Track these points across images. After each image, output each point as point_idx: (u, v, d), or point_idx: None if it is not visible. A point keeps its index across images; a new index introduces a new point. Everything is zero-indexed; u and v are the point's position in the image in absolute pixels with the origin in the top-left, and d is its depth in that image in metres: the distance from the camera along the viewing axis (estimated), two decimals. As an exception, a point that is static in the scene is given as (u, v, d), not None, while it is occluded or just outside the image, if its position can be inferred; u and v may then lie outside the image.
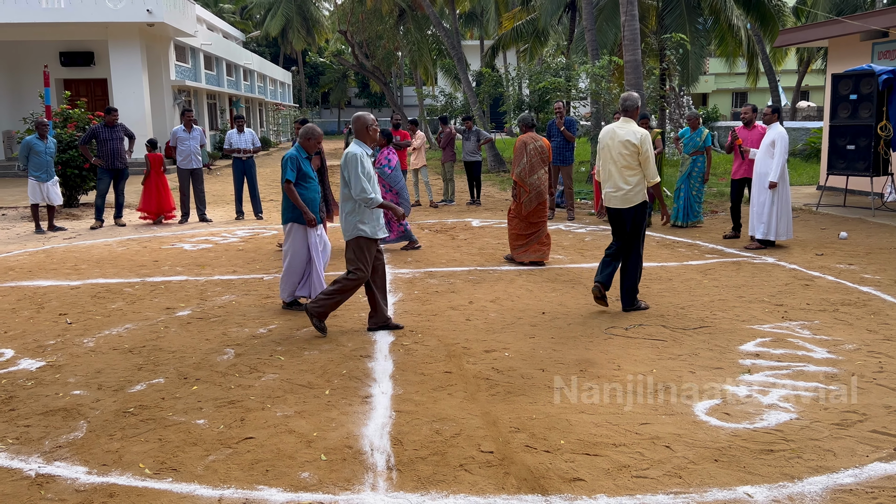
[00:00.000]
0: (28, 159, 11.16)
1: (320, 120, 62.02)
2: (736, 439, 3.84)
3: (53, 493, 3.39)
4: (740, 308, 6.45)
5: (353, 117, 5.90)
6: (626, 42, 13.90)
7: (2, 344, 5.68)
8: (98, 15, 21.02)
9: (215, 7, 48.41)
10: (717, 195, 14.44)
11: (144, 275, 8.17)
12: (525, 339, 5.65)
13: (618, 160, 6.36)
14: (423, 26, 31.62)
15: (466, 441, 3.86)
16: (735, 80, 45.10)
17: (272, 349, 5.48)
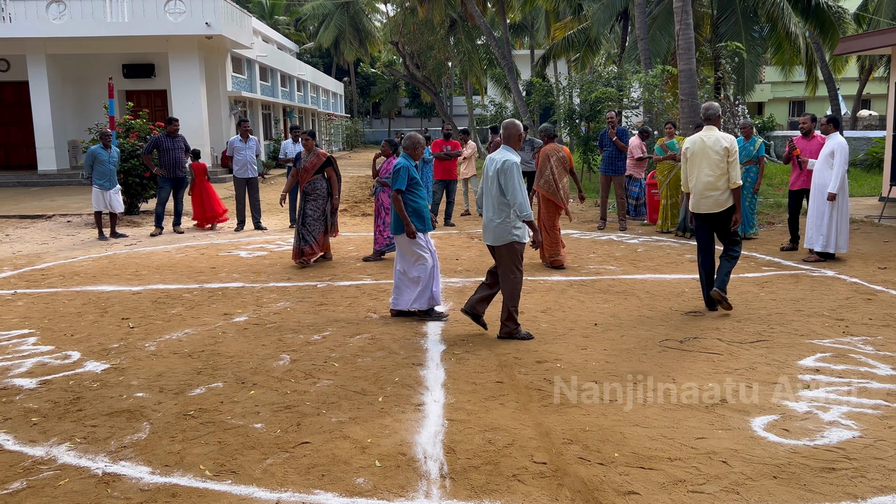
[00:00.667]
0: (92, 168, 11.57)
1: (371, 130, 62.74)
2: (796, 456, 3.76)
3: (119, 492, 3.51)
4: (799, 322, 6.31)
5: (506, 123, 6.02)
6: (680, 51, 13.75)
7: (69, 346, 5.90)
8: (159, 28, 21.70)
9: (270, 19, 49.47)
10: (773, 206, 14.14)
11: (202, 281, 8.39)
12: (577, 350, 5.63)
13: (710, 166, 6.60)
14: (473, 36, 31.79)
15: (519, 451, 3.87)
16: (792, 89, 44.08)
17: (326, 356, 5.57)
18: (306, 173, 9.12)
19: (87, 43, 22.28)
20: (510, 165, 5.79)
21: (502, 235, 5.91)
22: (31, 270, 9.18)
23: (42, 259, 10.00)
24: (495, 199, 5.88)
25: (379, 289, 7.87)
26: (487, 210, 5.97)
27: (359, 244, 10.99)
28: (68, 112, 23.67)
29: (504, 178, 5.80)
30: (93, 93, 23.95)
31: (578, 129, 20.55)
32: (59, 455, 3.91)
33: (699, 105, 14.16)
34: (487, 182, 5.95)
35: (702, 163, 6.65)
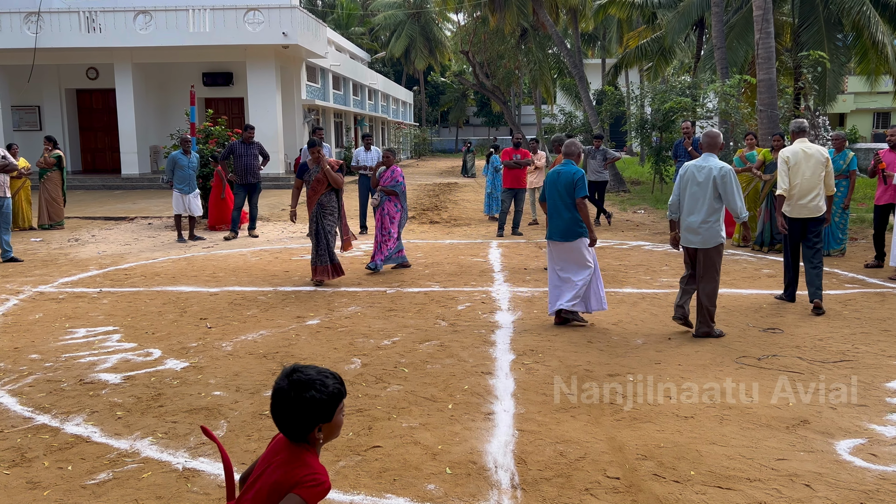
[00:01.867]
0: (173, 173, 12.00)
1: (439, 138, 63.16)
2: (885, 483, 3.59)
3: (198, 487, 3.61)
4: (886, 343, 6.03)
5: (707, 132, 6.46)
6: (759, 60, 13.39)
7: (150, 344, 6.13)
8: (238, 38, 22.39)
9: (346, 30, 50.42)
10: (857, 221, 13.57)
11: (276, 284, 8.59)
12: (650, 364, 5.52)
13: (812, 174, 7.13)
14: (544, 45, 31.67)
15: (591, 465, 3.82)
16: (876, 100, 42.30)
17: (396, 361, 5.61)
18: (319, 185, 8.37)
19: (170, 52, 23.17)
20: (728, 171, 6.17)
21: (713, 238, 6.22)
22: (114, 270, 9.57)
23: (125, 259, 10.42)
24: (710, 203, 6.19)
25: (447, 296, 7.90)
26: (697, 214, 6.24)
27: (427, 251, 11.06)
28: (151, 118, 24.65)
29: (724, 184, 6.13)
30: (174, 100, 24.90)
31: (650, 139, 20.23)
32: (142, 449, 4.06)
33: (778, 116, 13.75)
34: (696, 188, 6.25)
35: (805, 172, 7.10)
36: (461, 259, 10.37)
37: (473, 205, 18.79)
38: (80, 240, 12.45)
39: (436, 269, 9.49)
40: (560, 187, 6.61)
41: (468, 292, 8.11)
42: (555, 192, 6.66)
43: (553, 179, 6.69)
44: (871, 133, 42.05)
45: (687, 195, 6.35)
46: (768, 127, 13.11)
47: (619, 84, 29.39)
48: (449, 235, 13.04)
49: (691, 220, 6.29)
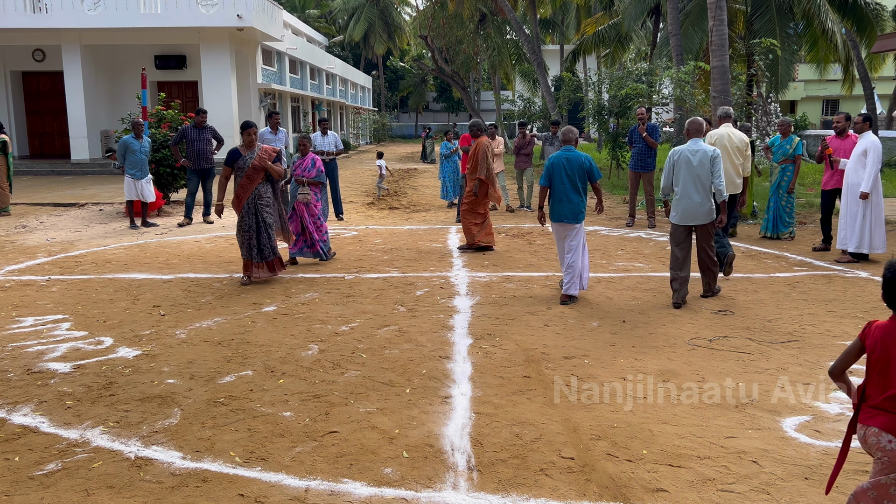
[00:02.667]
0: (124, 158, 11.72)
1: (398, 124, 62.84)
2: (827, 458, 3.71)
3: (151, 476, 3.56)
4: (831, 323, 6.21)
5: (692, 120, 7.09)
6: (713, 47, 13.58)
7: (102, 332, 6.00)
8: (191, 20, 21.90)
9: (302, 13, 49.69)
10: (806, 206, 13.92)
11: (232, 271, 8.47)
12: (605, 346, 5.60)
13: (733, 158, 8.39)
14: (503, 30, 31.67)
15: (546, 446, 3.86)
16: (826, 87, 43.36)
17: (354, 346, 5.60)
18: (256, 174, 7.65)
19: (121, 34, 22.56)
20: (718, 154, 6.89)
21: (711, 213, 6.90)
22: (64, 257, 9.34)
23: (75, 246, 10.17)
24: (706, 184, 6.85)
25: (406, 282, 7.89)
26: (699, 194, 6.85)
27: (386, 237, 11.02)
28: (101, 102, 24.01)
29: (715, 165, 6.82)
30: (126, 83, 24.28)
31: (607, 125, 20.41)
32: (92, 438, 3.99)
33: (731, 103, 13.99)
34: (695, 170, 6.82)
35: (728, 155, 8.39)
36: (420, 245, 10.36)
37: (433, 190, 18.77)
38: (27, 227, 12.10)
39: (395, 255, 9.47)
40: (571, 172, 7.02)
41: (427, 278, 8.12)
42: (565, 177, 7.03)
43: (562, 164, 7.05)
44: (820, 120, 43.09)
45: (683, 177, 6.89)
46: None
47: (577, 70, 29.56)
48: (408, 221, 13.01)
49: (695, 199, 6.86)
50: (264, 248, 7.76)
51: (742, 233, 11.13)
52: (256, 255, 7.74)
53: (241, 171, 7.69)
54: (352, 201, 15.86)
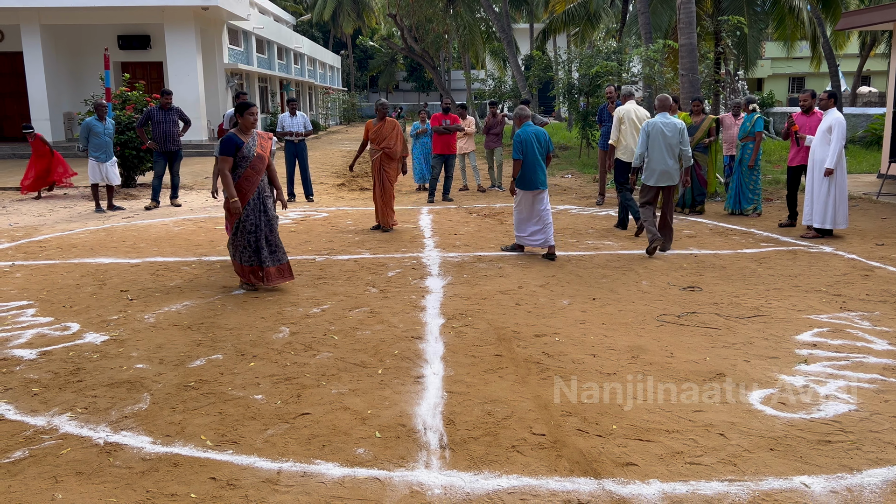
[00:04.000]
0: (88, 140, 11.49)
1: (368, 104, 62.36)
2: (792, 429, 3.79)
3: (121, 461, 3.53)
4: (796, 298, 6.33)
5: (659, 97, 8.30)
6: (681, 25, 13.64)
7: (68, 318, 5.91)
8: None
9: (267, -9, 48.84)
10: (772, 182, 14.13)
11: (201, 254, 8.38)
12: (575, 324, 5.65)
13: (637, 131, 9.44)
14: (473, 9, 31.47)
15: (518, 423, 3.90)
16: (792, 65, 43.86)
17: (326, 328, 5.58)
18: (262, 166, 6.63)
19: (82, 13, 22.03)
20: (684, 125, 8.19)
21: (677, 175, 8.21)
22: (28, 242, 9.16)
23: (39, 231, 9.98)
24: (675, 151, 8.11)
25: (377, 263, 7.87)
26: (672, 159, 8.12)
27: (357, 218, 10.97)
28: (63, 84, 23.47)
29: (683, 135, 8.08)
30: (88, 64, 23.75)
31: (577, 104, 20.45)
32: (60, 425, 3.93)
33: (699, 81, 14.09)
34: (668, 140, 8.04)
35: (632, 130, 9.56)
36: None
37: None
38: (-11, 212, 11.84)
39: (366, 237, 9.43)
40: (540, 144, 8.06)
41: (399, 259, 8.10)
42: (536, 148, 8.02)
43: (530, 139, 8.01)
44: (786, 97, 43.60)
45: (659, 146, 8.09)
46: (689, 91, 13.42)
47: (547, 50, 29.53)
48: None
49: (669, 164, 8.14)
50: (277, 249, 6.73)
51: (710, 210, 11.27)
52: (268, 259, 6.64)
53: (244, 161, 6.50)
54: (322, 182, 15.73)
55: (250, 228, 6.58)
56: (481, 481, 3.32)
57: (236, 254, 6.66)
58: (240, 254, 6.64)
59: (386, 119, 9.66)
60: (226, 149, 6.45)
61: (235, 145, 6.46)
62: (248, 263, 6.66)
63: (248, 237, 6.58)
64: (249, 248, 6.61)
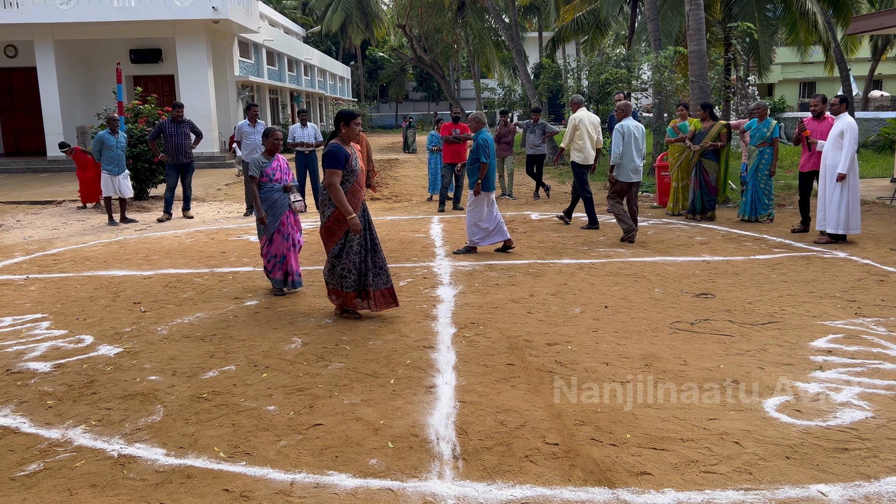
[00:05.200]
0: (101, 154, 11.59)
1: (378, 114, 62.59)
2: (808, 437, 3.75)
3: (135, 473, 3.54)
4: (811, 304, 6.28)
5: (620, 104, 9.43)
6: (690, 32, 13.63)
7: (82, 330, 5.94)
8: (166, 13, 21.66)
9: (277, 3, 49.25)
10: (784, 188, 14.05)
11: (213, 266, 8.42)
12: (588, 332, 5.63)
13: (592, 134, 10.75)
14: (484, 18, 31.56)
15: (531, 433, 3.88)
16: (803, 70, 43.70)
17: (337, 339, 5.58)
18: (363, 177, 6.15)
19: (94, 28, 22.27)
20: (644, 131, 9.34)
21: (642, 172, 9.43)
22: (42, 256, 9.23)
23: (53, 244, 10.06)
24: (643, 151, 9.31)
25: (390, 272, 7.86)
26: (639, 159, 9.28)
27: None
28: (76, 98, 23.71)
29: (645, 138, 9.25)
30: (101, 78, 23.99)
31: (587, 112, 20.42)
32: (74, 437, 3.95)
33: (709, 87, 14.05)
34: (638, 142, 9.24)
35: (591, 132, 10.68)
36: (403, 235, 10.34)
37: (415, 180, 18.73)
38: (3, 225, 11.95)
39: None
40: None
41: (410, 268, 8.11)
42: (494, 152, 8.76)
43: (492, 143, 8.74)
44: (797, 103, 43.39)
45: (630, 146, 9.17)
46: (699, 97, 13.40)
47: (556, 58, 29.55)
48: (390, 212, 12.98)
49: (638, 162, 9.29)
50: (382, 271, 6.12)
51: (721, 216, 11.22)
52: (374, 282, 6.04)
53: (352, 175, 5.93)
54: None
55: (357, 249, 5.98)
56: (495, 492, 3.30)
57: (336, 280, 6.01)
58: (340, 279, 5.99)
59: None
60: (335, 161, 5.78)
61: (345, 157, 5.83)
62: (351, 289, 6.00)
63: (351, 258, 5.97)
64: (354, 270, 5.99)
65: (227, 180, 19.03)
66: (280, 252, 6.92)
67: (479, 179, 8.58)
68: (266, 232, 6.90)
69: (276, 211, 6.88)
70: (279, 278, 6.99)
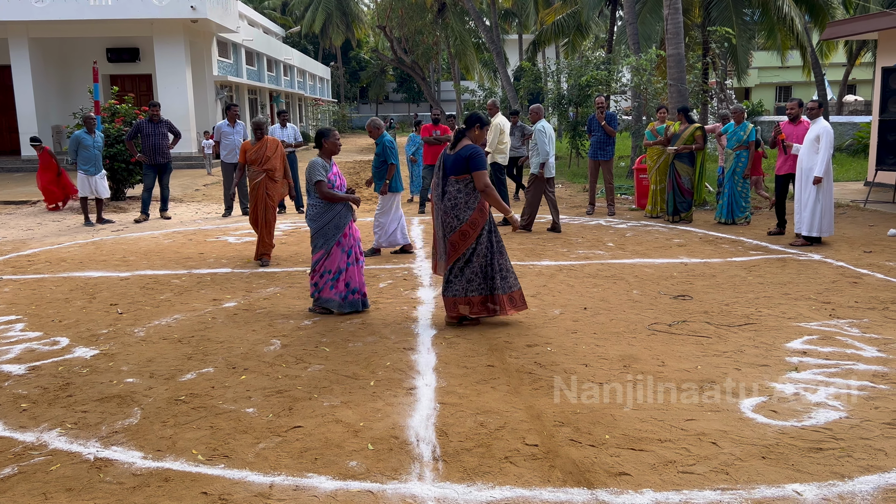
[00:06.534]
0: (77, 153, 11.45)
1: (358, 115, 62.44)
2: (783, 437, 3.80)
3: (112, 477, 3.50)
4: (786, 305, 6.36)
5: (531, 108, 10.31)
6: (668, 35, 13.75)
7: (57, 332, 5.87)
8: (143, 12, 21.46)
9: (257, 3, 48.98)
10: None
11: (191, 267, 8.35)
12: (567, 334, 5.66)
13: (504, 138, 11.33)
14: (464, 19, 31.62)
15: (511, 434, 3.89)
16: (779, 74, 44.25)
17: (317, 341, 5.56)
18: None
19: (71, 26, 22.01)
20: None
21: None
22: (16, 256, 9.11)
23: (28, 245, 9.92)
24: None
25: (369, 274, 7.86)
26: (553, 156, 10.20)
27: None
28: (52, 97, 23.41)
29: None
30: (77, 77, 23.71)
31: (567, 114, 20.54)
32: (49, 440, 3.90)
33: (687, 90, 14.18)
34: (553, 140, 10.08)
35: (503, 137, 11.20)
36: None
37: (394, 182, 18.68)
38: (-23, 226, 11.76)
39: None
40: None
41: (390, 269, 8.10)
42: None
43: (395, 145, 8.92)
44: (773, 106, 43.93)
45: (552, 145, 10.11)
46: (677, 101, 13.52)
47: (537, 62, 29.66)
48: (370, 213, 12.95)
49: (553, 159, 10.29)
50: (508, 273, 5.92)
51: (698, 219, 11.33)
52: (501, 285, 5.84)
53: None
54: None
55: (484, 252, 5.83)
56: (475, 493, 3.31)
57: (463, 286, 5.82)
58: (467, 283, 5.81)
59: (266, 138, 8.42)
60: (484, 161, 5.77)
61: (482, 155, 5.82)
62: (477, 293, 5.83)
63: (481, 261, 5.82)
64: (480, 273, 5.82)
65: (206, 181, 18.88)
66: (337, 268, 6.24)
67: (387, 180, 8.68)
68: (325, 244, 6.25)
69: (339, 221, 6.22)
70: (332, 297, 6.26)
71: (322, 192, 6.15)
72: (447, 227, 5.79)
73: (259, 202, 8.37)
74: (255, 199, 8.40)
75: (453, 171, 5.74)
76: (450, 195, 5.77)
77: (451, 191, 5.77)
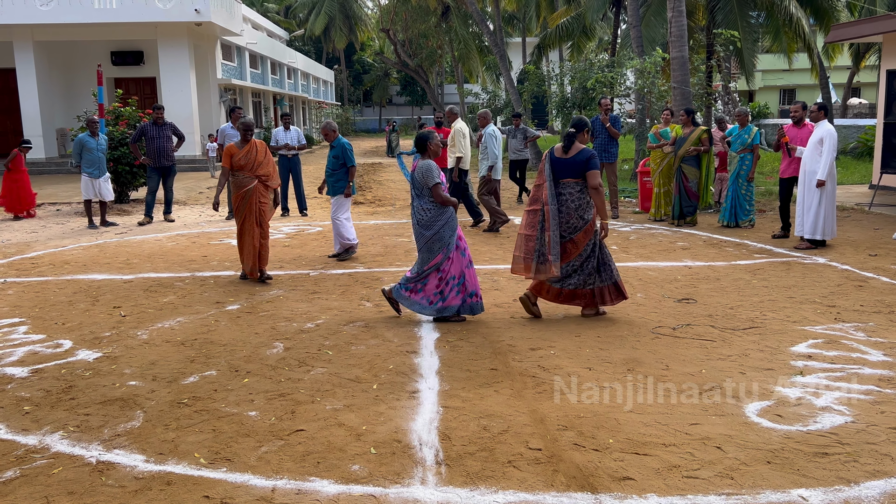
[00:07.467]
0: (81, 156, 11.47)
1: (362, 118, 62.47)
2: (789, 441, 3.78)
3: (114, 480, 3.49)
4: (791, 309, 6.33)
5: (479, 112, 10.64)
6: (672, 38, 13.74)
7: (60, 335, 5.87)
8: (148, 15, 21.50)
9: (260, 6, 49.07)
10: (764, 194, 14.18)
11: (194, 269, 8.35)
12: (571, 337, 5.64)
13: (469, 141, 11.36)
14: (467, 22, 31.63)
15: (514, 438, 3.87)
16: (783, 77, 44.15)
17: (320, 344, 5.55)
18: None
19: (75, 30, 22.07)
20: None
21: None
22: (20, 259, 9.12)
23: (31, 248, 9.93)
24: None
25: (372, 277, 7.85)
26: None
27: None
28: (56, 100, 23.46)
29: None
30: (81, 80, 23.76)
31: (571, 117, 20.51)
32: (52, 443, 3.89)
33: (691, 93, 14.17)
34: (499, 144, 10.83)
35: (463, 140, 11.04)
36: (386, 239, 10.32)
37: (398, 184, 18.71)
38: (-19, 228, 11.79)
39: (360, 251, 9.41)
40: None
41: (393, 272, 8.08)
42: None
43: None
44: (778, 109, 43.86)
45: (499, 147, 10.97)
46: (681, 103, 13.49)
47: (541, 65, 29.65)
48: (374, 216, 12.96)
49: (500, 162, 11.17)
50: (608, 266, 6.16)
51: (703, 222, 11.30)
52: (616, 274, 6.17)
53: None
54: (315, 197, 15.71)
55: (599, 244, 6.12)
56: (477, 497, 3.29)
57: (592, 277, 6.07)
58: (587, 277, 6.07)
59: (254, 141, 7.74)
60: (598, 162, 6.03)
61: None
62: (605, 283, 6.11)
63: (598, 253, 6.10)
64: (601, 264, 6.10)
65: (209, 184, 18.89)
66: (460, 272, 6.04)
67: (350, 182, 8.82)
68: (445, 249, 6.00)
69: (453, 224, 6.06)
70: (458, 304, 6.06)
71: (439, 196, 5.94)
72: (571, 227, 6.00)
73: (251, 213, 7.59)
74: (247, 209, 7.58)
75: (571, 174, 5.97)
76: (571, 197, 5.98)
77: (571, 193, 5.99)
